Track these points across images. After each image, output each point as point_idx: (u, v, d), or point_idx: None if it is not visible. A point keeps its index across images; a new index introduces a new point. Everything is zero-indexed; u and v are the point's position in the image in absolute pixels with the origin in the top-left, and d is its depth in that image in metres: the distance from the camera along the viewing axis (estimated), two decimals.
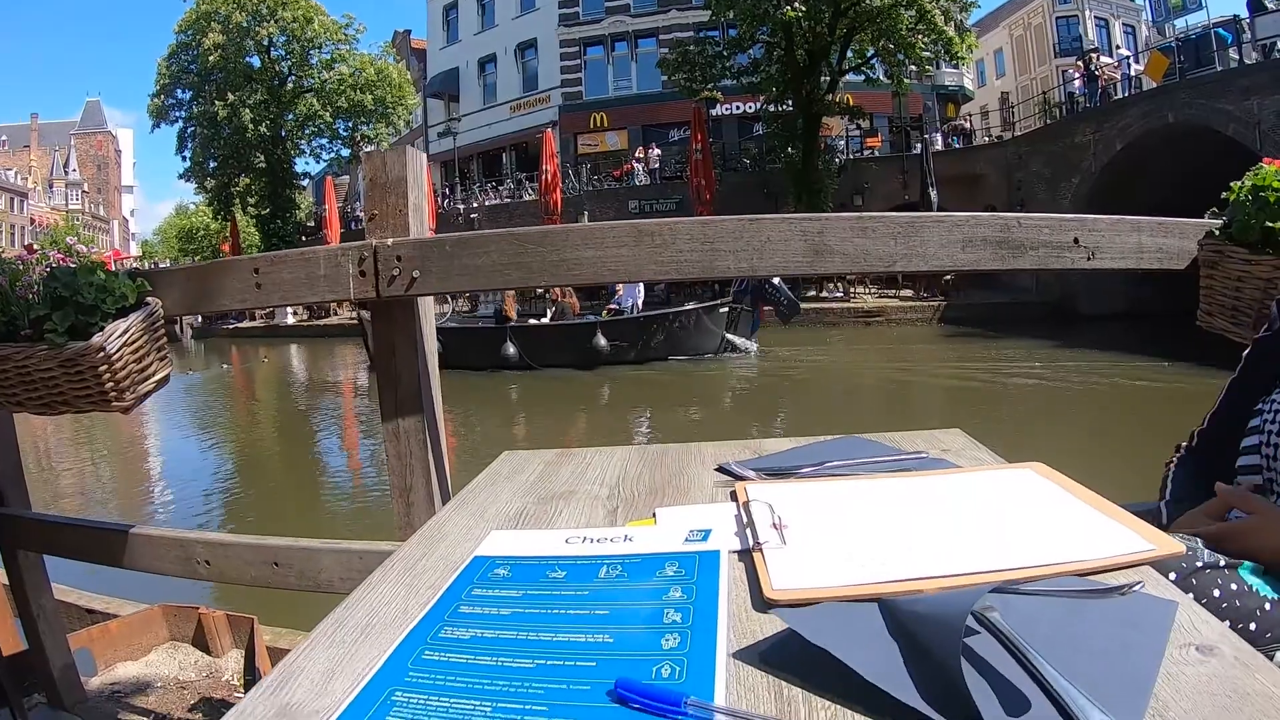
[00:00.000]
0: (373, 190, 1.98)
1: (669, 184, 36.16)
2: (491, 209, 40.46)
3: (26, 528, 2.85)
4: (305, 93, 45.55)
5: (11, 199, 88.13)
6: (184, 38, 45.37)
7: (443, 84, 50.87)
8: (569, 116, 43.87)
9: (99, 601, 4.55)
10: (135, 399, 2.07)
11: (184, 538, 2.37)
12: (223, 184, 48.03)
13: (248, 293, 2.09)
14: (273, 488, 10.56)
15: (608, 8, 43.59)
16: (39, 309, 2.02)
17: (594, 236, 1.75)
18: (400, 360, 1.96)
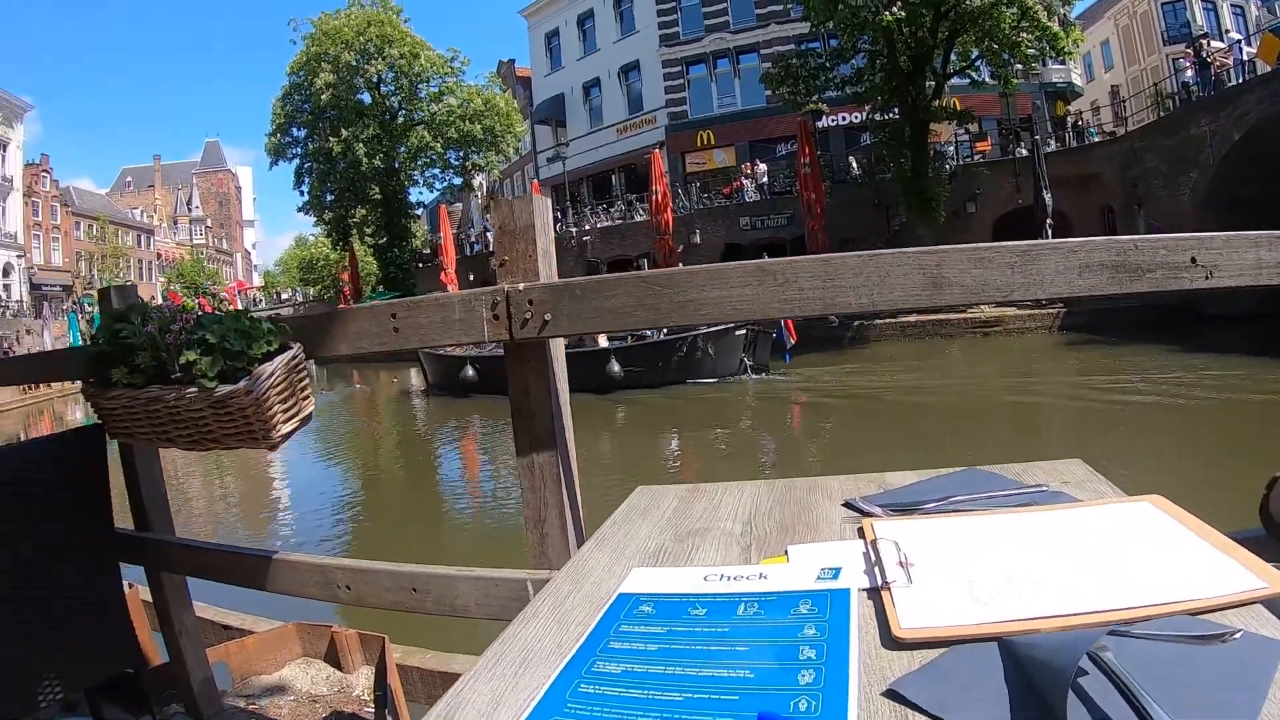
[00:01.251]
0: (503, 237, 2.06)
1: (779, 199, 35.83)
2: (603, 231, 40.81)
3: (170, 551, 3.00)
4: (416, 125, 46.42)
5: (139, 235, 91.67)
6: (296, 78, 46.77)
7: (549, 110, 51.34)
8: (675, 136, 43.87)
9: (234, 618, 4.75)
10: (281, 437, 2.18)
11: (325, 564, 2.46)
12: (340, 216, 49.33)
13: (386, 336, 2.18)
14: (398, 507, 10.72)
15: (707, 25, 43.43)
16: (189, 354, 2.15)
17: (718, 277, 1.78)
18: (534, 399, 2.02)
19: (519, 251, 2.03)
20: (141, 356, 2.29)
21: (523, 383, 2.03)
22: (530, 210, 2.02)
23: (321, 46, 45.09)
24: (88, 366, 2.55)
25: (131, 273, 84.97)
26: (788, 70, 29.05)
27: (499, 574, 2.10)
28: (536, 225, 2.03)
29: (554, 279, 2.02)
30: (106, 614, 2.74)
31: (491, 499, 12.72)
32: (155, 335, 2.24)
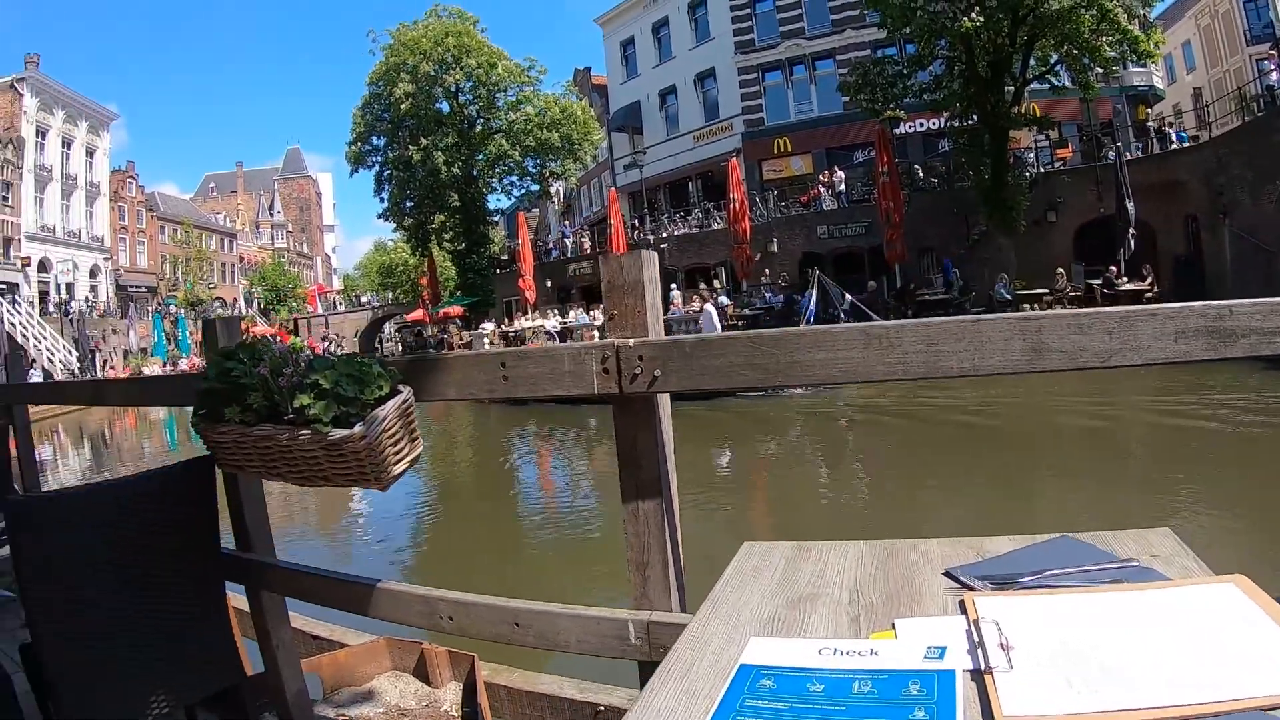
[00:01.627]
0: (611, 291, 2.12)
1: (856, 207, 35.47)
2: (680, 239, 40.75)
3: (272, 573, 3.12)
4: (494, 134, 46.78)
5: (222, 239, 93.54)
6: (376, 88, 47.41)
7: (625, 118, 51.45)
8: (752, 143, 43.54)
9: (323, 628, 4.90)
10: (391, 479, 2.26)
11: (429, 595, 2.52)
12: (419, 222, 49.81)
13: (495, 384, 2.25)
14: (473, 509, 10.71)
15: (783, 32, 43.12)
16: (302, 398, 2.24)
17: (825, 340, 1.82)
18: (641, 449, 2.08)
19: (628, 306, 2.09)
20: (254, 397, 2.40)
21: (630, 433, 2.09)
22: (639, 266, 2.09)
23: (400, 57, 45.67)
24: (199, 401, 2.67)
25: (215, 275, 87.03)
26: (865, 78, 28.60)
27: (600, 613, 2.16)
28: (645, 281, 2.09)
29: (661, 334, 2.08)
30: (212, 630, 2.87)
31: (568, 507, 12.79)
32: (268, 378, 2.34)
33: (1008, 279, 25.23)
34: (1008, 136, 27.29)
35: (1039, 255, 27.66)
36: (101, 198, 69.69)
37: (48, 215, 62.02)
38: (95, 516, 2.57)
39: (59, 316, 54.30)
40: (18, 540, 2.42)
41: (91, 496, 2.57)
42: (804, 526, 8.11)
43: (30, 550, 2.44)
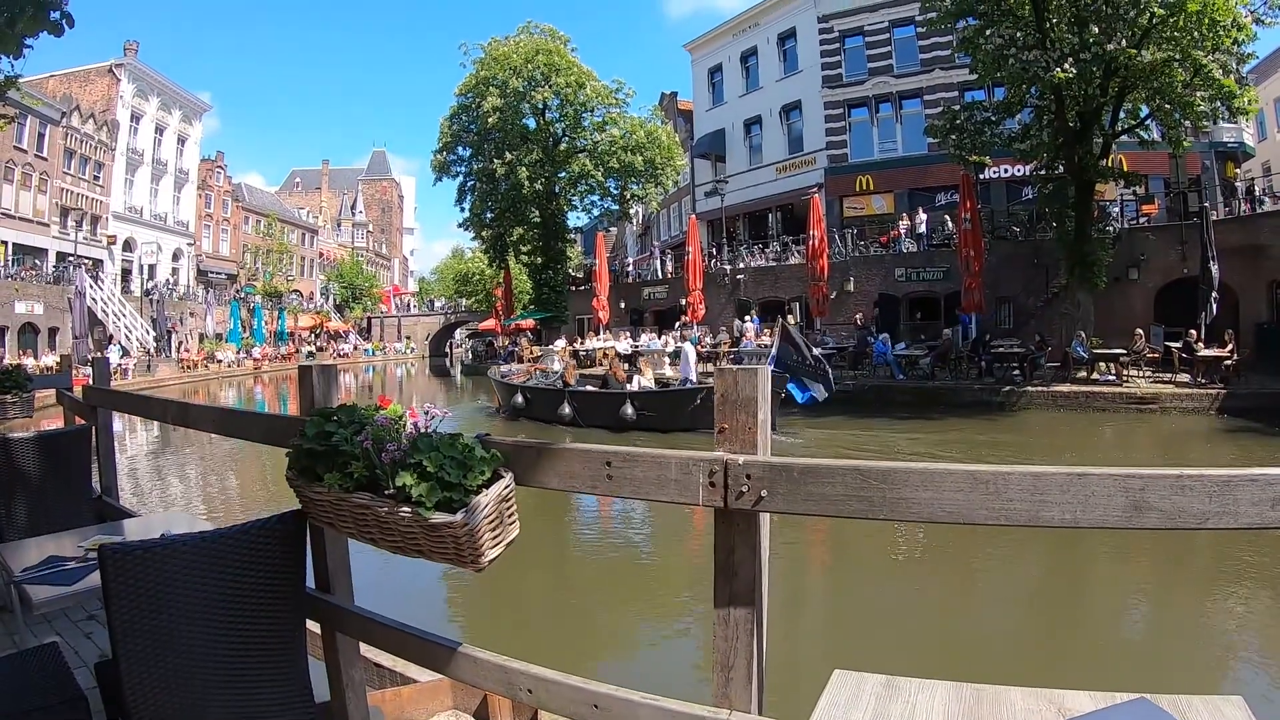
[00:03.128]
0: (724, 405, 2.12)
1: (936, 252, 35.08)
2: (757, 271, 40.71)
3: (348, 618, 3.16)
4: (578, 153, 47.32)
5: (303, 234, 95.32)
6: (464, 100, 48.08)
7: (709, 145, 51.51)
8: (835, 179, 43.38)
9: (387, 659, 4.93)
10: (487, 563, 2.28)
11: (508, 666, 2.52)
12: (498, 234, 50.36)
13: (599, 481, 2.27)
14: (560, 592, 10.62)
15: (871, 69, 42.91)
16: (405, 476, 2.26)
17: (932, 480, 1.82)
18: (738, 560, 2.08)
19: (739, 422, 2.10)
20: (355, 466, 2.44)
21: (729, 544, 2.10)
22: (754, 383, 2.09)
23: (490, 71, 46.30)
24: (295, 456, 2.71)
25: (294, 268, 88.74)
26: (953, 122, 28.22)
27: (682, 707, 2.15)
28: (758, 398, 2.09)
29: (769, 452, 2.07)
30: (288, 668, 2.94)
31: (621, 535, 12.73)
32: (371, 452, 2.37)
33: (1084, 336, 24.77)
34: (1093, 188, 26.76)
35: (1118, 313, 27.22)
36: (189, 184, 71.93)
37: (136, 197, 64.05)
38: (190, 566, 2.63)
39: (139, 295, 56.01)
40: (111, 581, 2.48)
41: (187, 548, 2.61)
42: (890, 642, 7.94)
43: (122, 591, 2.50)
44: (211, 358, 52.83)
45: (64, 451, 5.64)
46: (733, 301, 40.11)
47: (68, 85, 59.52)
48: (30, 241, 51.90)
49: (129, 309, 51.81)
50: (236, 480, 18.26)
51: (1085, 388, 23.04)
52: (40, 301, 45.14)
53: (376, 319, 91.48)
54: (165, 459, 21.64)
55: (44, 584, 3.40)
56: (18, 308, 43.34)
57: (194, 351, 53.16)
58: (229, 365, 52.98)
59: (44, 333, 45.24)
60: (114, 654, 2.53)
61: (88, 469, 5.89)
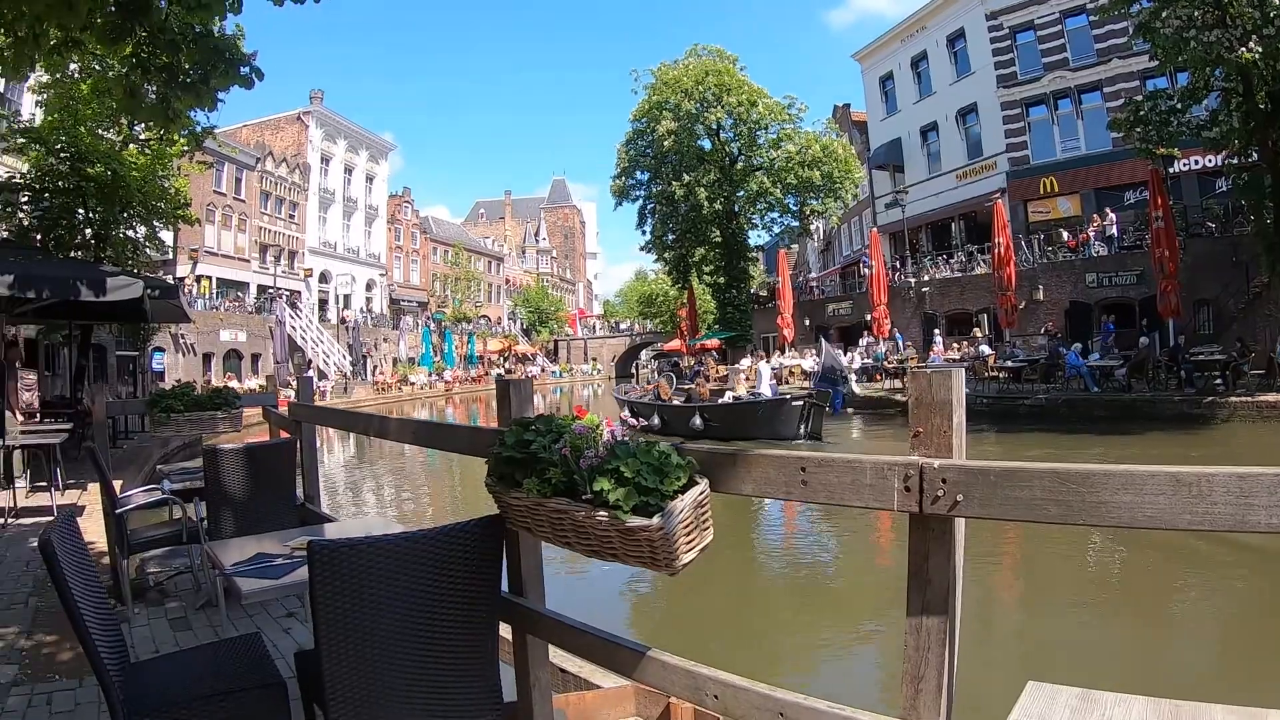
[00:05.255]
0: (919, 409, 2.10)
1: (1127, 255, 33.37)
2: (942, 283, 39.99)
3: (538, 621, 3.27)
4: (755, 171, 47.43)
5: (490, 262, 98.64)
6: (639, 125, 49.10)
7: (886, 155, 50.59)
8: (1017, 183, 41.84)
9: (572, 664, 5.04)
10: (681, 566, 2.32)
11: (696, 671, 2.55)
12: (680, 255, 51.21)
13: (793, 487, 2.28)
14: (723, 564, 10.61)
15: (1045, 64, 41.06)
16: (603, 482, 2.33)
17: (1132, 483, 1.74)
18: (933, 567, 2.05)
19: (934, 426, 2.07)
20: (553, 472, 2.52)
21: (923, 550, 2.07)
22: (948, 385, 2.06)
23: (662, 95, 47.12)
24: (494, 464, 2.82)
25: (481, 294, 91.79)
26: (1136, 113, 26.47)
27: (870, 718, 2.14)
28: (953, 401, 2.06)
29: (964, 456, 2.05)
30: (481, 667, 3.05)
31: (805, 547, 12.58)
32: (569, 459, 2.45)
33: None
34: None
35: None
36: (379, 219, 76.70)
37: (329, 232, 68.83)
38: (393, 563, 2.77)
39: (336, 323, 59.52)
40: (318, 575, 2.65)
41: (391, 546, 2.75)
42: (1082, 655, 7.63)
43: (329, 586, 2.66)
44: (405, 380, 55.11)
45: (271, 462, 6.11)
46: (918, 314, 39.33)
47: (260, 133, 65.18)
48: (233, 276, 56.17)
49: (326, 336, 54.81)
50: (428, 493, 18.97)
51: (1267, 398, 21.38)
52: (243, 330, 48.77)
53: (563, 341, 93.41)
54: (358, 474, 22.73)
55: (253, 577, 3.59)
56: (222, 336, 47.03)
57: (388, 375, 55.52)
58: (421, 387, 55.13)
59: (247, 358, 48.96)
60: (316, 644, 2.69)
61: (292, 478, 6.32)
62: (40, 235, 18.63)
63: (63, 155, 17.83)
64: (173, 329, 38.77)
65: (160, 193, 19.84)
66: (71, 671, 5.00)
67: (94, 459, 6.58)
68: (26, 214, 18.95)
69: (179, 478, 7.10)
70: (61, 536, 2.75)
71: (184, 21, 8.30)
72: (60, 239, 18.51)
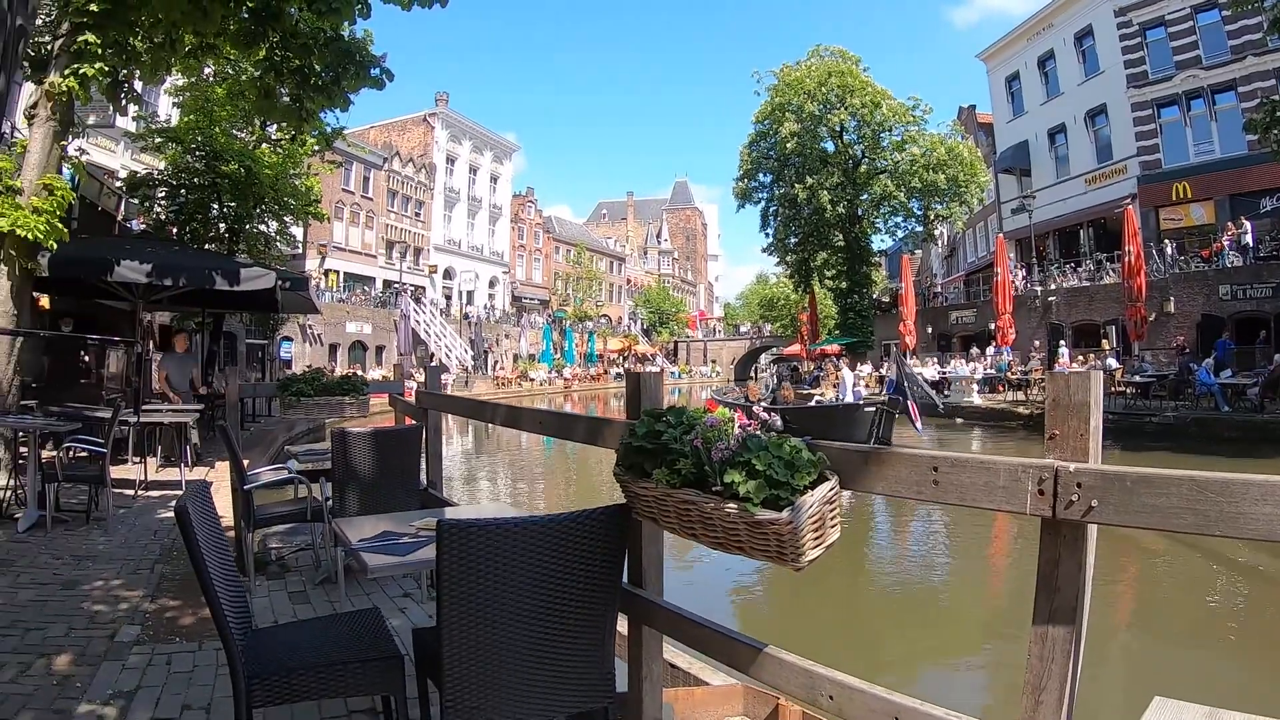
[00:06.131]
0: (1055, 410, 2.07)
1: (1264, 266, 31.80)
2: (1070, 292, 38.90)
3: (656, 612, 3.31)
4: (879, 174, 46.80)
5: (611, 262, 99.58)
6: (762, 127, 48.96)
7: (1013, 158, 49.54)
8: (1148, 188, 40.23)
9: (682, 660, 5.08)
10: (807, 563, 2.34)
11: (813, 670, 2.56)
12: (802, 259, 50.98)
13: (925, 487, 2.27)
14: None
15: (1177, 62, 39.32)
16: (733, 474, 2.36)
17: (1274, 494, 1.69)
18: (1063, 574, 2.02)
19: (1071, 428, 2.04)
20: (683, 463, 2.57)
21: (1054, 556, 2.04)
22: (1086, 386, 2.03)
23: (784, 97, 46.97)
24: (624, 453, 2.87)
25: (603, 294, 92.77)
26: (1273, 114, 25.25)
27: None
28: (1091, 403, 2.03)
29: (1100, 460, 2.01)
30: (598, 653, 3.11)
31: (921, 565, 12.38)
32: (701, 450, 2.49)
33: None
34: None
35: None
36: (503, 218, 78.51)
37: (454, 230, 70.90)
38: (519, 546, 2.83)
39: (459, 319, 60.74)
40: (446, 552, 2.72)
41: (518, 529, 2.82)
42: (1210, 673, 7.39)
43: (455, 565, 2.73)
44: (525, 376, 55.96)
45: (396, 447, 6.30)
46: (1044, 325, 38.38)
47: (387, 134, 67.77)
48: (360, 270, 58.32)
49: (449, 330, 56.09)
50: (543, 485, 19.29)
51: None
52: (369, 323, 50.53)
53: (683, 342, 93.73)
54: (477, 464, 23.25)
55: (380, 553, 3.71)
56: (349, 327, 48.99)
57: (509, 370, 56.43)
58: (541, 383, 55.97)
59: (371, 350, 50.83)
60: (438, 621, 2.77)
61: (416, 464, 6.54)
62: (176, 229, 19.48)
63: (198, 154, 18.69)
64: (301, 319, 40.11)
65: (291, 190, 20.63)
66: (191, 634, 5.26)
67: (225, 437, 6.94)
68: (164, 208, 19.86)
69: (306, 458, 7.37)
70: (196, 504, 2.91)
71: (315, 26, 8.66)
72: (195, 232, 19.38)
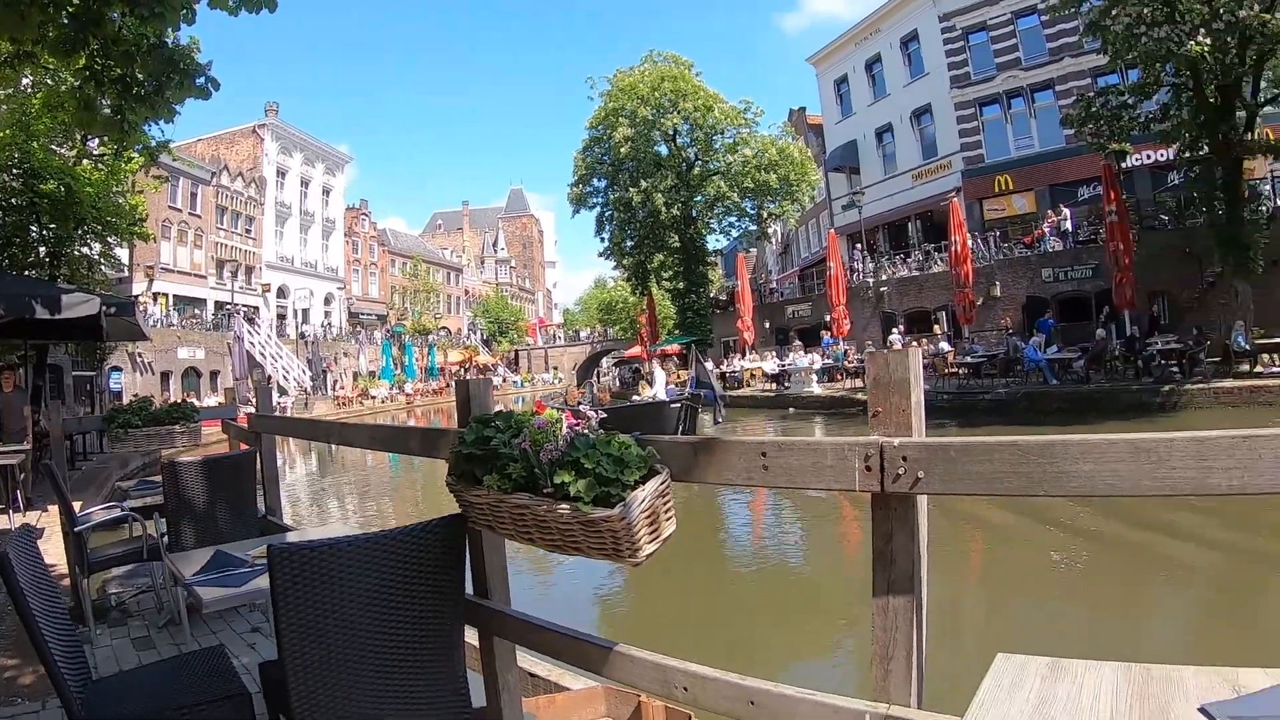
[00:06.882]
0: (876, 389, 2.10)
1: (1083, 249, 33.73)
2: (900, 282, 40.11)
3: (504, 621, 3.25)
4: (712, 176, 47.28)
5: (448, 273, 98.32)
6: (596, 132, 48.92)
7: (842, 157, 51.07)
8: (972, 181, 42.33)
9: (541, 668, 5.02)
10: (645, 557, 2.31)
11: (665, 664, 2.54)
12: (639, 261, 51.15)
13: (754, 473, 2.27)
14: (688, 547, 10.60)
15: (998, 64, 41.70)
16: (563, 474, 2.32)
17: (1092, 451, 1.75)
18: (896, 546, 2.05)
19: (893, 404, 2.07)
20: (513, 467, 2.51)
21: (886, 530, 2.07)
22: (905, 364, 2.07)
23: (618, 102, 47.09)
24: (455, 462, 2.80)
25: (440, 306, 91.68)
26: (1088, 109, 26.75)
27: (839, 701, 2.14)
28: (911, 379, 2.06)
29: (924, 434, 2.06)
30: (448, 669, 3.00)
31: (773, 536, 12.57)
32: (530, 452, 2.44)
33: (1244, 326, 23.43)
34: (1241, 167, 25.19)
35: None
36: (336, 232, 76.17)
37: (287, 246, 68.30)
38: (354, 564, 2.72)
39: (295, 338, 59.09)
40: (279, 579, 2.59)
41: (351, 548, 2.71)
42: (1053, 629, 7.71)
43: (290, 591, 2.61)
44: (366, 394, 54.73)
45: (230, 474, 6.07)
46: (877, 314, 39.51)
47: (215, 147, 64.50)
48: (190, 292, 55.59)
49: (285, 351, 54.39)
50: (391, 503, 18.86)
51: (1250, 382, 21.80)
52: (202, 347, 48.24)
53: (523, 351, 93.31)
54: (322, 487, 22.61)
55: (214, 586, 3.56)
56: (180, 353, 46.48)
57: (349, 389, 55.19)
58: (383, 401, 54.80)
59: (206, 376, 48.32)
60: (280, 652, 2.64)
61: (252, 491, 6.31)
62: None
63: (15, 172, 17.60)
64: (130, 347, 38.33)
65: (115, 209, 19.70)
66: (34, 693, 4.94)
67: (51, 478, 6.49)
68: None
69: (139, 492, 7.07)
70: (18, 552, 2.71)
71: (137, 33, 8.22)
72: (14, 257, 18.27)
